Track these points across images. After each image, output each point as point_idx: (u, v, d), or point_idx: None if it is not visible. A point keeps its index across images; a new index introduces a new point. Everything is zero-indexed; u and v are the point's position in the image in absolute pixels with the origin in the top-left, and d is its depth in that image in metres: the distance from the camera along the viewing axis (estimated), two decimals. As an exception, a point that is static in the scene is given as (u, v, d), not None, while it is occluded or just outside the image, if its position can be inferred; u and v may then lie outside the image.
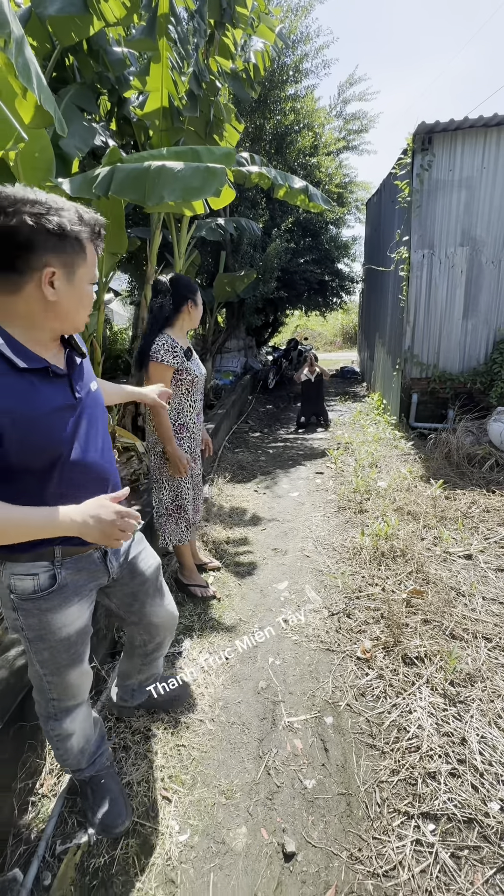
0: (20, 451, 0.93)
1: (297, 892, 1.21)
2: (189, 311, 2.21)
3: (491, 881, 1.20)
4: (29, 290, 0.92)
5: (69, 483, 1.04)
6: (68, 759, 1.31)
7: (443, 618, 2.18)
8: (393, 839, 1.31)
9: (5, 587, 1.07)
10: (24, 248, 0.88)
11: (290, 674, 1.95)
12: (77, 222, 0.94)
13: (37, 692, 1.24)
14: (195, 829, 1.36)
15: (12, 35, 2.08)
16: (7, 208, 0.86)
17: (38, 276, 0.91)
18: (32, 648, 1.14)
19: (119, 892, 1.21)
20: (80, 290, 0.99)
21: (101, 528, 0.97)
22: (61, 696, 1.22)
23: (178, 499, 2.37)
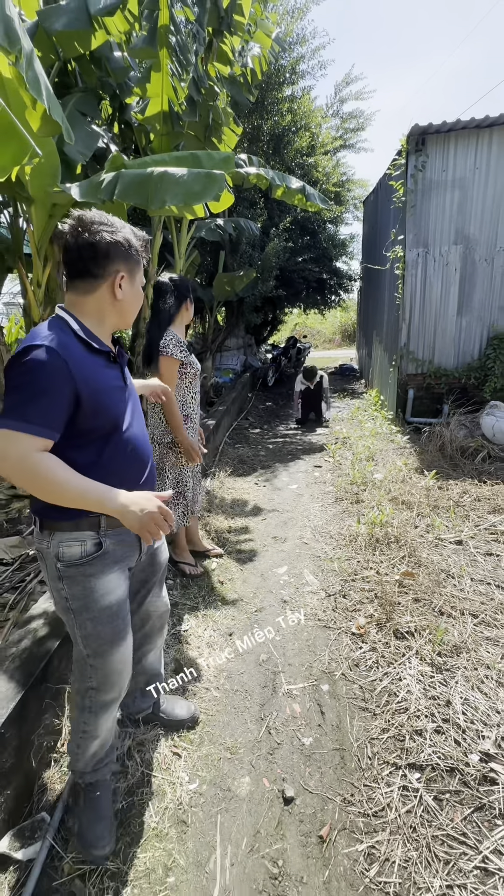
0: (92, 414, 1.10)
1: (296, 829, 1.36)
2: (187, 308, 2.42)
3: (469, 818, 1.34)
4: (101, 291, 1.16)
5: (121, 454, 1.20)
6: (81, 759, 1.32)
7: (433, 597, 2.32)
8: (382, 786, 1.45)
9: (53, 557, 1.16)
10: (103, 257, 1.12)
11: (289, 648, 2.10)
12: (134, 237, 1.20)
13: (77, 680, 1.28)
14: (203, 779, 1.50)
15: (23, 51, 2.21)
16: (91, 228, 1.11)
17: (111, 280, 1.15)
18: (77, 622, 1.19)
19: (137, 831, 1.35)
20: (137, 291, 1.24)
21: (142, 518, 1.09)
22: (101, 684, 1.25)
23: (180, 485, 2.51)
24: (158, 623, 1.56)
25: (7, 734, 1.32)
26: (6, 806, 1.32)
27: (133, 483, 1.24)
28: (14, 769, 1.36)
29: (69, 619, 1.22)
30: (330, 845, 1.31)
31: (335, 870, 1.25)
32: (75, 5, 3.06)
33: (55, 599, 1.22)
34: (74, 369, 1.06)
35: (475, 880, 1.20)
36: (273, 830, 1.35)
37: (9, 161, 2.06)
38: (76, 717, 1.30)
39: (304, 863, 1.27)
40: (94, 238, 1.11)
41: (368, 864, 1.26)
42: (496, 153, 4.80)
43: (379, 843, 1.30)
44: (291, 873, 1.25)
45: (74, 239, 1.12)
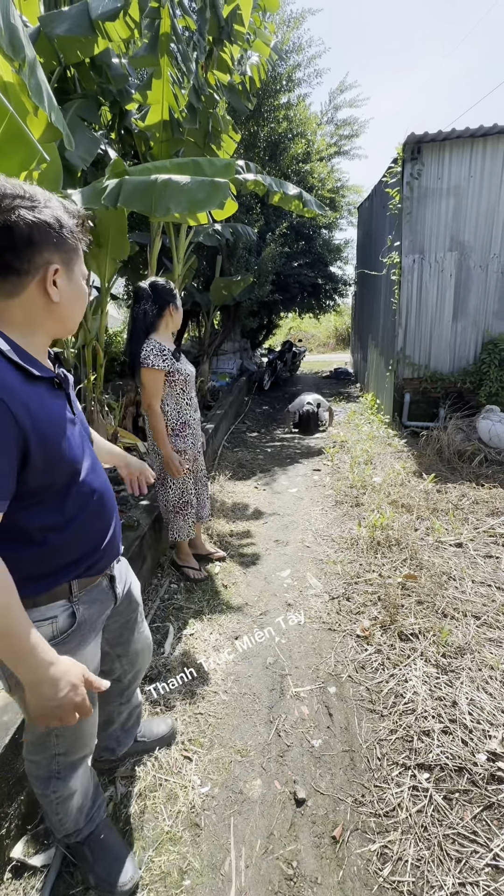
0: (45, 466, 0.86)
1: (309, 830, 1.37)
2: (171, 314, 2.32)
3: (478, 816, 1.36)
4: (30, 292, 0.86)
5: (85, 507, 0.98)
6: (66, 821, 1.17)
7: (435, 599, 2.34)
8: (392, 786, 1.47)
9: None
10: (25, 245, 0.82)
11: (295, 651, 2.11)
12: (65, 213, 0.88)
13: (36, 752, 1.09)
14: (215, 782, 1.51)
15: (27, 59, 2.23)
16: (15, 204, 0.80)
17: (41, 276, 0.85)
18: None
19: (150, 835, 1.36)
20: (79, 287, 0.94)
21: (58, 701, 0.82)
22: (69, 749, 1.10)
23: (185, 495, 2.52)
24: (147, 657, 1.42)
25: (19, 741, 1.32)
26: (19, 811, 1.32)
27: (100, 542, 1.05)
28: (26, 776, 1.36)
29: None
30: (343, 846, 1.32)
31: (349, 870, 1.27)
32: (77, 11, 3.09)
33: (11, 685, 0.97)
34: (17, 411, 0.79)
35: (487, 877, 1.22)
36: (286, 832, 1.37)
37: (17, 166, 2.07)
38: (40, 791, 1.13)
39: (319, 863, 1.29)
40: (8, 218, 0.80)
41: (382, 863, 1.27)
42: (490, 162, 4.90)
43: (391, 843, 1.32)
44: (306, 874, 1.26)
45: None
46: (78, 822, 1.20)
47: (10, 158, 2.04)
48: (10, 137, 1.99)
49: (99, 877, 1.20)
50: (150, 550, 2.66)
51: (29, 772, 1.15)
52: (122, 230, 3.68)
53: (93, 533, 1.03)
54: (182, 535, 2.56)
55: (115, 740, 1.49)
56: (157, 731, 1.61)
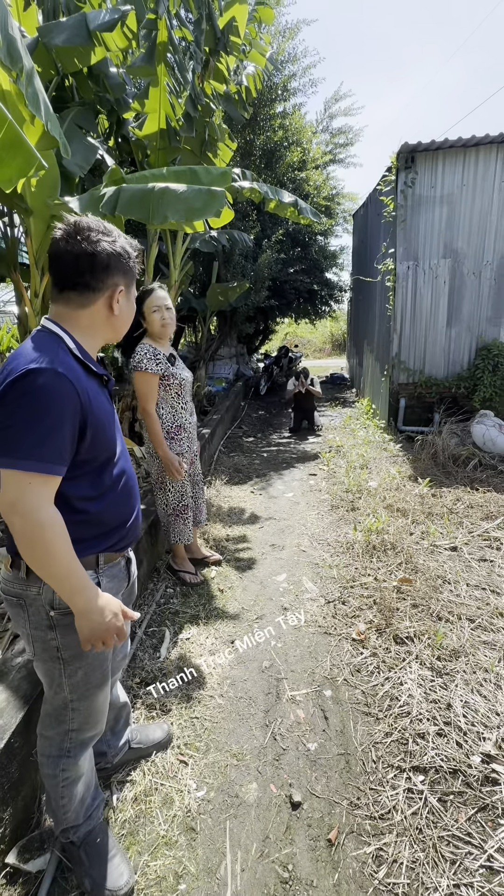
0: (92, 444, 1.02)
1: (305, 833, 1.37)
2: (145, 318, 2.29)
3: (473, 818, 1.37)
4: (98, 305, 1.06)
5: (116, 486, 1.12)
6: (69, 810, 1.21)
7: (430, 602, 2.36)
8: (387, 789, 1.48)
9: (44, 605, 1.04)
10: (103, 269, 1.03)
11: (290, 654, 2.12)
12: (130, 247, 1.09)
13: (51, 727, 1.17)
14: (211, 786, 1.51)
15: (24, 69, 2.27)
16: (89, 236, 1.01)
17: (109, 294, 1.06)
18: (66, 671, 1.10)
19: (146, 840, 1.36)
20: (132, 305, 1.15)
21: (101, 628, 0.99)
22: (83, 725, 1.17)
23: (184, 498, 2.53)
24: (128, 644, 1.46)
25: (15, 745, 1.32)
26: (14, 817, 1.32)
27: (126, 520, 1.16)
28: (21, 780, 1.35)
29: (55, 669, 1.10)
30: (338, 848, 1.33)
31: (344, 872, 1.27)
32: (75, 21, 3.13)
33: (37, 650, 1.08)
34: (82, 396, 0.97)
35: (481, 878, 1.23)
36: (282, 835, 1.37)
37: (15, 173, 2.09)
38: (49, 771, 1.18)
39: (314, 866, 1.29)
40: (93, 248, 1.00)
41: (377, 865, 1.28)
42: (482, 171, 4.98)
43: (386, 845, 1.32)
44: (302, 877, 1.26)
45: (71, 247, 1.00)
46: (78, 816, 1.23)
47: (9, 165, 2.06)
48: (8, 145, 2.01)
49: (95, 881, 1.20)
50: (146, 555, 2.67)
51: (41, 750, 1.20)
52: (119, 236, 3.71)
53: (121, 511, 1.15)
54: (182, 539, 2.57)
55: (106, 744, 1.51)
56: (154, 737, 1.62)
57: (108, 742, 1.51)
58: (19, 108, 2.46)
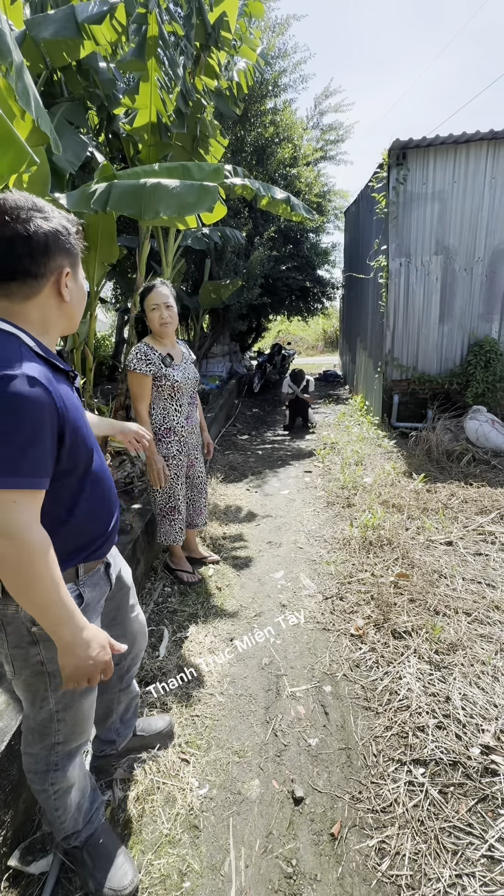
0: (71, 449, 0.94)
1: (307, 828, 1.38)
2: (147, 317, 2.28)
3: (473, 809, 1.39)
4: (45, 294, 0.94)
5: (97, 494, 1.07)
6: (66, 820, 1.18)
7: (427, 597, 2.38)
8: (388, 782, 1.49)
9: (24, 623, 0.99)
10: (42, 252, 0.90)
11: (290, 651, 2.12)
12: (68, 222, 0.98)
13: (35, 743, 1.12)
14: (213, 783, 1.51)
15: (13, 63, 2.23)
16: (20, 215, 0.87)
17: (55, 278, 0.95)
18: (52, 684, 1.05)
19: (149, 838, 1.35)
20: (82, 287, 1.03)
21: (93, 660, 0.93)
22: (69, 736, 1.12)
23: (172, 500, 2.49)
24: (143, 640, 1.46)
25: (15, 747, 1.31)
26: (16, 819, 1.31)
27: (106, 527, 1.12)
28: (22, 783, 1.34)
29: (39, 683, 1.05)
30: (341, 842, 1.33)
31: (348, 866, 1.28)
32: (63, 14, 3.08)
33: (18, 668, 1.03)
34: (57, 401, 0.89)
35: (483, 868, 1.24)
36: (285, 831, 1.37)
37: (6, 169, 2.06)
38: (38, 786, 1.15)
39: (318, 861, 1.29)
40: (27, 228, 0.88)
41: (380, 858, 1.29)
42: (473, 168, 5.00)
43: (389, 838, 1.33)
44: (305, 872, 1.27)
45: (7, 227, 0.87)
46: (77, 823, 1.20)
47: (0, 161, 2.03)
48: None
49: (99, 882, 1.19)
50: (144, 554, 2.65)
51: (27, 767, 1.15)
52: (111, 234, 3.68)
53: (103, 517, 1.10)
54: (169, 540, 2.55)
55: (115, 732, 1.52)
56: (156, 727, 1.63)
57: (117, 731, 1.52)
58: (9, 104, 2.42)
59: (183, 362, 2.44)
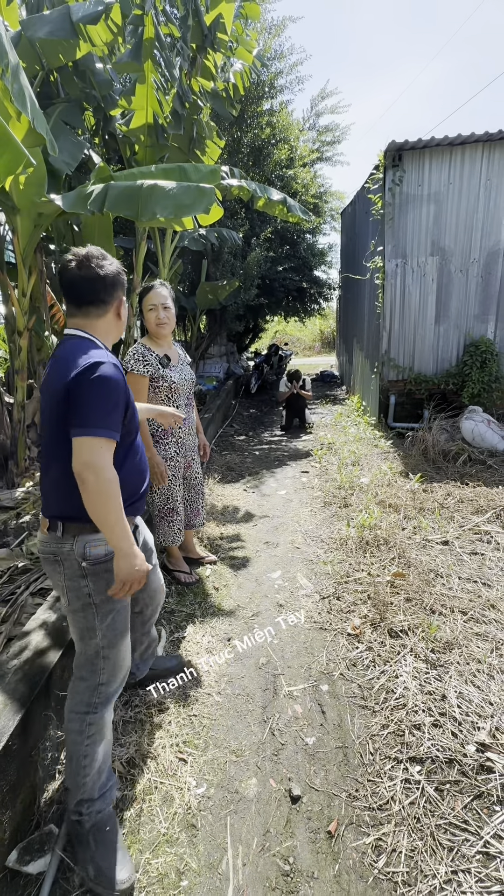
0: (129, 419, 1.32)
1: (305, 826, 1.39)
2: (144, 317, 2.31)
3: (469, 806, 1.40)
4: (110, 315, 1.35)
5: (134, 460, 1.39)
6: (89, 774, 1.30)
7: (423, 596, 2.39)
8: (385, 780, 1.50)
9: (77, 558, 1.27)
10: (112, 286, 1.32)
11: (287, 650, 2.13)
12: (120, 266, 1.37)
13: (83, 681, 1.33)
14: (210, 783, 1.52)
15: (9, 65, 2.23)
16: (97, 262, 1.29)
17: (117, 304, 1.36)
18: (99, 615, 1.30)
19: (147, 838, 1.36)
20: (126, 311, 1.44)
21: (133, 572, 1.22)
22: (110, 676, 1.35)
23: (170, 501, 2.49)
24: (161, 595, 1.78)
25: (13, 747, 1.31)
26: (13, 819, 1.31)
27: (139, 488, 1.43)
28: (20, 782, 1.35)
29: (89, 615, 1.30)
30: (338, 840, 1.34)
31: (345, 863, 1.29)
32: (58, 14, 3.09)
33: (72, 598, 1.30)
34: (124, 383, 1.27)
35: (478, 864, 1.25)
36: (282, 829, 1.38)
37: (2, 170, 2.07)
38: (78, 726, 1.31)
39: (315, 858, 1.30)
40: (103, 271, 1.29)
41: (376, 855, 1.30)
42: (468, 169, 5.03)
43: (385, 835, 1.34)
44: (303, 869, 1.28)
45: (86, 273, 1.27)
46: (94, 789, 1.31)
47: (-4, 163, 2.03)
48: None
49: (99, 868, 1.22)
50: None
51: (71, 708, 1.34)
52: (108, 234, 3.68)
53: (138, 481, 1.42)
54: (167, 541, 2.55)
55: (136, 666, 1.84)
56: (168, 665, 1.95)
57: (137, 666, 1.84)
58: (5, 105, 2.42)
59: (180, 363, 2.44)
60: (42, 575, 2.23)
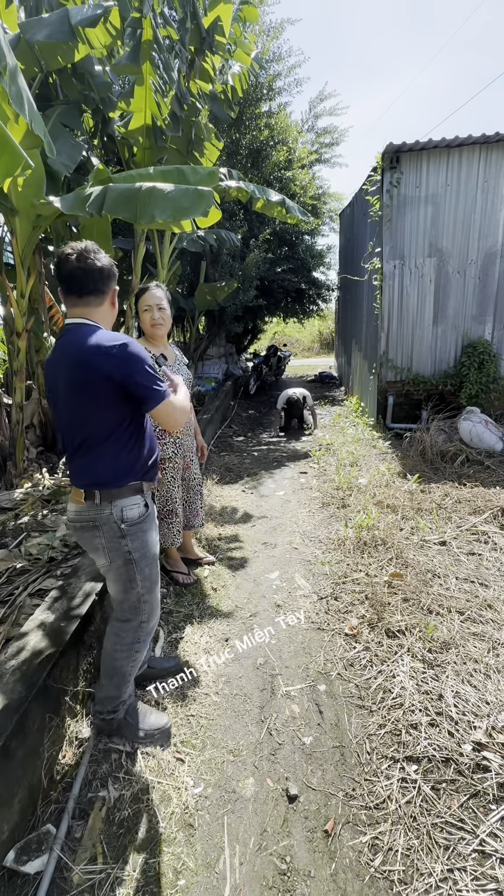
0: None
1: (301, 825, 1.39)
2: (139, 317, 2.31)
3: (465, 805, 1.41)
4: (105, 304, 1.47)
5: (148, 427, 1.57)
6: (129, 684, 1.61)
7: (420, 596, 2.40)
8: (382, 779, 1.50)
9: (115, 521, 1.44)
10: (108, 277, 1.44)
11: (284, 651, 2.14)
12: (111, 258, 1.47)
13: (129, 621, 1.56)
14: (208, 782, 1.52)
15: (7, 67, 2.24)
16: (94, 255, 1.39)
17: (112, 294, 1.48)
18: (138, 568, 1.50)
19: (144, 837, 1.36)
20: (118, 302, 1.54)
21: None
22: (150, 615, 1.60)
23: (169, 503, 2.50)
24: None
25: (11, 747, 1.32)
26: (11, 819, 1.31)
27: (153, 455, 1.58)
28: (18, 782, 1.35)
29: (130, 569, 1.49)
30: (335, 839, 1.35)
31: (341, 862, 1.29)
32: (57, 17, 3.10)
33: (114, 557, 1.48)
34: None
35: (474, 863, 1.26)
36: (279, 828, 1.39)
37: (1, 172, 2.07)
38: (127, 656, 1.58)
39: (311, 857, 1.31)
40: (100, 263, 1.40)
41: (373, 854, 1.30)
42: (465, 171, 5.05)
43: (382, 834, 1.35)
44: (299, 868, 1.28)
45: (85, 265, 1.37)
46: (128, 694, 1.63)
47: (-5, 165, 2.04)
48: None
49: (151, 726, 1.64)
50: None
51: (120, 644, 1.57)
52: (107, 236, 3.70)
53: (153, 447, 1.58)
54: (166, 542, 2.55)
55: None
56: (166, 665, 2.00)
57: None
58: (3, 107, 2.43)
59: (176, 363, 2.45)
60: (40, 576, 2.23)
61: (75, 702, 1.71)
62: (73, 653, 1.75)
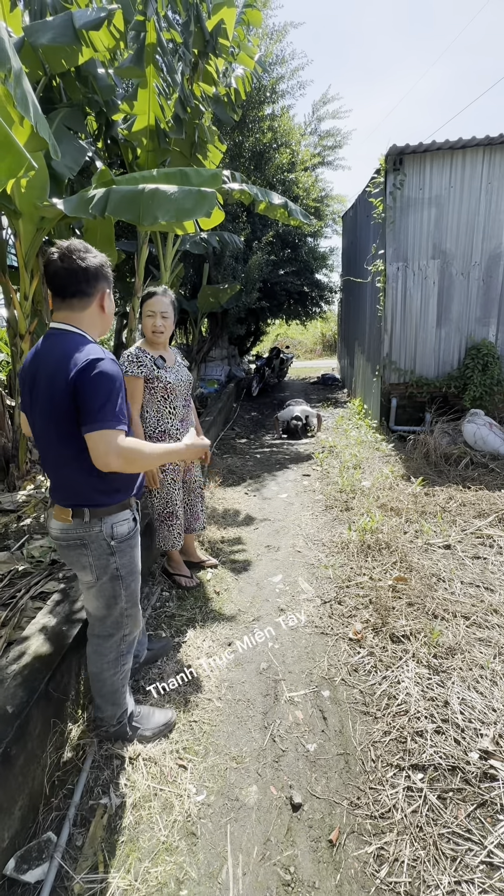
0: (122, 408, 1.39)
1: (306, 835, 1.37)
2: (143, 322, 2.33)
3: (472, 815, 1.38)
4: (93, 307, 1.37)
5: None
6: (125, 695, 1.61)
7: (425, 600, 2.37)
8: (387, 788, 1.48)
9: (105, 538, 1.41)
10: (94, 278, 1.34)
11: (288, 655, 2.11)
12: (106, 260, 1.40)
13: (110, 637, 1.53)
14: (210, 790, 1.50)
15: (12, 70, 2.25)
16: (80, 254, 1.30)
17: (100, 297, 1.38)
18: (124, 584, 1.48)
19: (146, 846, 1.34)
20: (112, 305, 1.46)
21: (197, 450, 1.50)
22: (132, 628, 1.58)
23: (169, 505, 2.48)
24: None
25: (11, 753, 1.30)
26: (12, 827, 1.30)
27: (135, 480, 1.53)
28: (19, 789, 1.34)
29: (116, 585, 1.47)
30: (340, 849, 1.32)
31: (346, 873, 1.27)
32: (61, 21, 3.11)
33: (100, 574, 1.44)
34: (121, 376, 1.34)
35: (482, 875, 1.23)
36: (283, 837, 1.36)
37: (5, 174, 2.07)
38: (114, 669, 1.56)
39: (316, 868, 1.28)
40: (85, 263, 1.31)
41: (378, 865, 1.28)
42: (469, 173, 5.04)
43: (387, 844, 1.32)
44: (304, 879, 1.26)
45: (68, 265, 1.29)
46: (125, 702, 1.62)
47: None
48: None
49: (157, 724, 1.68)
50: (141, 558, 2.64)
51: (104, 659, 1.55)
52: (110, 238, 3.70)
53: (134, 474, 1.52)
54: (167, 545, 2.54)
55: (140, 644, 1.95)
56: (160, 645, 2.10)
57: (140, 642, 1.95)
58: (8, 110, 2.43)
59: (176, 365, 2.45)
60: (42, 578, 2.22)
61: (77, 707, 1.69)
62: (75, 657, 1.73)
